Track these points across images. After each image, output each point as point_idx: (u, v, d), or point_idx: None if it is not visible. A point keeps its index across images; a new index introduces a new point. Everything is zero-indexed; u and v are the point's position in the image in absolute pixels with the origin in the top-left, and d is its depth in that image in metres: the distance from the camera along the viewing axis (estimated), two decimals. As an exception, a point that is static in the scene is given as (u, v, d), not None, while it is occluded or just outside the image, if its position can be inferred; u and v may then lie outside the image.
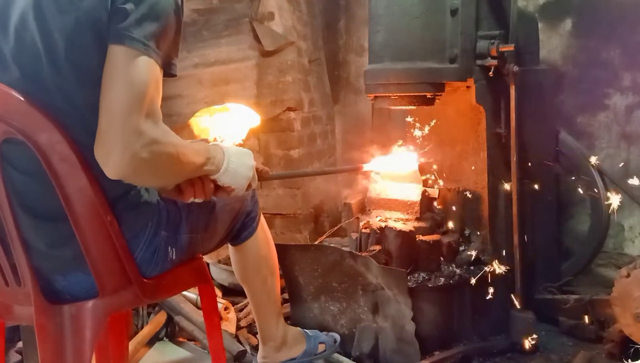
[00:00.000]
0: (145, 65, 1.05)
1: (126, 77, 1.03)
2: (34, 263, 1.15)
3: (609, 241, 2.57)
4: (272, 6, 3.03)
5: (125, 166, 1.02)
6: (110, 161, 1.03)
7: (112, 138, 1.02)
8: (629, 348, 1.72)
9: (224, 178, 1.28)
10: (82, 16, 1.06)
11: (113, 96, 1.02)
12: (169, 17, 1.10)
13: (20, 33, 1.09)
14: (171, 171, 1.16)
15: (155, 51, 1.06)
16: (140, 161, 1.03)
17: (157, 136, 1.06)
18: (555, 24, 2.71)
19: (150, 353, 2.08)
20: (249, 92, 3.05)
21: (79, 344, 1.17)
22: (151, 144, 1.04)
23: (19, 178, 1.12)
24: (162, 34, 1.09)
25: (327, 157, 3.58)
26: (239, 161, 1.30)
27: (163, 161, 1.10)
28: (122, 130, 1.01)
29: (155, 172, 1.12)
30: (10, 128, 1.06)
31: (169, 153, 1.10)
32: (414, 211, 2.03)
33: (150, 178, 1.16)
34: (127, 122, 1.01)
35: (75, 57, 1.07)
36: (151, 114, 1.05)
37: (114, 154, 1.02)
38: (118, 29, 1.04)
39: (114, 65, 1.04)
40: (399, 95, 1.96)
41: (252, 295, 1.73)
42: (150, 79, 1.05)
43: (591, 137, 2.68)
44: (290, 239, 3.08)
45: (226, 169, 1.27)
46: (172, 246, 1.31)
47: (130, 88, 1.02)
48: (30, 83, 1.09)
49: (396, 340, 1.85)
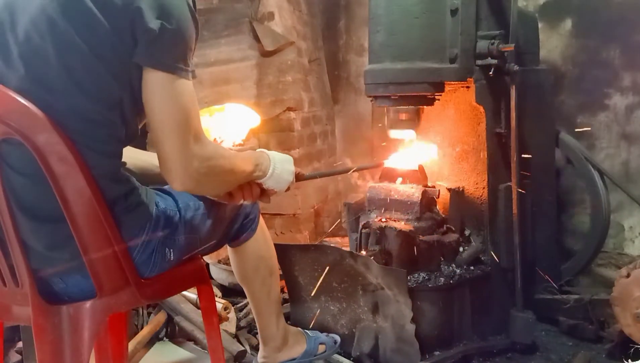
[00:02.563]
0: (186, 88, 1.16)
1: (174, 104, 1.14)
2: (32, 265, 1.15)
3: (609, 241, 2.57)
4: (272, 6, 3.03)
5: (188, 182, 1.18)
6: (175, 180, 1.18)
7: (172, 162, 1.16)
8: (629, 348, 1.72)
9: (269, 182, 1.43)
10: (107, 31, 1.09)
11: (164, 124, 1.14)
12: (192, 32, 1.18)
13: (31, 33, 1.09)
14: (226, 180, 1.32)
15: (188, 70, 1.16)
16: (200, 177, 1.19)
17: (208, 152, 1.20)
18: (555, 24, 2.71)
19: (150, 353, 2.08)
20: (249, 92, 3.05)
21: (77, 344, 1.17)
22: (206, 161, 1.19)
23: (17, 180, 1.12)
24: (190, 51, 1.18)
25: (327, 157, 3.57)
26: (282, 166, 1.45)
27: (218, 173, 1.26)
28: (179, 155, 1.15)
29: (214, 183, 1.29)
30: (7, 129, 1.05)
31: (222, 166, 1.26)
32: (414, 211, 2.02)
33: (210, 189, 1.33)
34: (182, 148, 1.14)
35: (90, 65, 1.10)
36: (199, 132, 1.18)
37: (177, 175, 1.17)
38: (153, 53, 1.11)
39: (157, 91, 1.13)
40: (399, 95, 1.96)
41: (252, 295, 1.73)
42: (192, 101, 1.17)
43: (591, 137, 2.68)
44: (290, 239, 3.08)
45: (272, 174, 1.42)
46: (170, 247, 1.32)
47: (178, 115, 1.14)
48: (34, 83, 1.09)
49: (396, 340, 1.85)
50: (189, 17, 1.16)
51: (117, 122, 1.17)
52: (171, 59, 1.13)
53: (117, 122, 1.17)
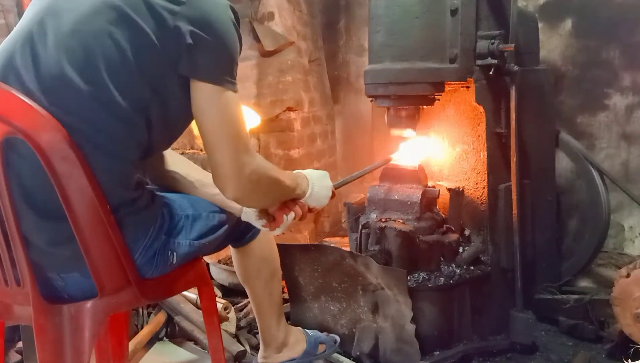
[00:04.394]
0: (235, 100, 1.20)
1: (226, 115, 1.18)
2: (32, 259, 1.15)
3: (609, 241, 2.57)
4: (272, 6, 3.03)
5: (240, 190, 1.22)
6: (228, 189, 1.22)
7: (225, 173, 1.20)
8: (629, 348, 1.72)
9: (310, 201, 1.47)
10: (150, 40, 1.12)
11: (218, 134, 1.18)
12: (236, 45, 1.22)
13: (76, 26, 1.12)
14: (273, 192, 1.35)
15: (235, 82, 1.20)
16: (251, 185, 1.23)
17: (258, 163, 1.24)
18: (555, 24, 2.71)
19: (150, 353, 2.08)
20: (249, 92, 3.05)
21: (78, 344, 1.17)
22: (256, 172, 1.23)
23: (28, 172, 1.11)
24: (235, 64, 1.22)
25: (327, 157, 3.58)
26: (320, 184, 1.49)
27: (267, 184, 1.29)
28: (232, 163, 1.19)
29: (262, 193, 1.31)
30: (10, 128, 1.05)
31: (270, 177, 1.29)
32: (414, 211, 2.02)
33: (258, 198, 1.34)
34: (234, 157, 1.19)
35: (126, 64, 1.13)
36: (248, 143, 1.22)
37: (230, 184, 1.21)
38: (201, 66, 1.15)
39: (206, 103, 1.17)
40: (399, 95, 1.96)
41: (253, 296, 1.73)
42: (240, 112, 1.21)
43: (591, 137, 2.68)
44: (290, 239, 3.08)
45: (311, 193, 1.46)
46: (174, 250, 1.32)
47: (231, 126, 1.18)
48: (68, 69, 1.11)
49: (396, 340, 1.85)
50: (233, 32, 1.20)
51: (140, 125, 1.18)
52: (218, 71, 1.17)
53: (140, 125, 1.18)
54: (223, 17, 1.18)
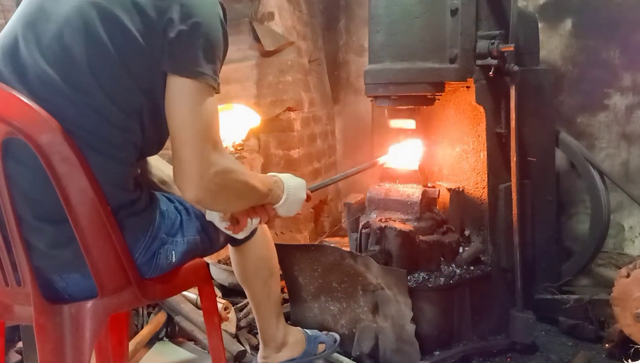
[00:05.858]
0: (211, 98, 1.15)
1: (196, 111, 1.12)
2: (33, 262, 1.15)
3: (609, 241, 2.57)
4: (272, 6, 3.04)
5: (201, 192, 1.15)
6: (188, 189, 1.15)
7: (188, 167, 1.13)
8: (629, 348, 1.72)
9: (281, 210, 1.42)
10: (138, 41, 1.10)
11: (186, 130, 1.12)
12: (220, 42, 1.18)
13: (63, 30, 1.11)
14: (239, 196, 1.28)
15: (215, 78, 1.16)
16: (215, 187, 1.16)
17: (226, 164, 1.17)
18: (555, 24, 2.72)
19: (150, 353, 2.08)
20: (249, 92, 3.05)
21: (79, 344, 1.17)
22: (223, 173, 1.16)
23: (26, 175, 1.11)
24: (217, 61, 1.18)
25: (327, 157, 3.58)
26: (295, 195, 1.43)
27: (233, 187, 1.22)
28: (197, 161, 1.12)
29: (226, 197, 1.23)
30: (10, 128, 1.05)
31: (237, 179, 1.22)
32: (414, 211, 2.02)
33: (222, 203, 1.26)
34: (200, 154, 1.12)
35: (117, 69, 1.11)
36: (218, 142, 1.16)
37: (192, 182, 1.13)
38: (178, 59, 1.12)
39: (179, 96, 1.12)
40: (399, 95, 1.96)
41: (252, 296, 1.73)
42: (215, 111, 1.16)
43: (591, 137, 2.68)
44: (290, 239, 3.08)
45: (285, 201, 1.40)
46: (173, 250, 1.32)
47: (201, 122, 1.12)
48: (58, 75, 1.10)
49: (396, 340, 1.85)
50: (219, 28, 1.17)
51: (135, 128, 1.17)
52: (194, 65, 1.12)
53: (134, 129, 1.17)
54: (210, 12, 1.16)
